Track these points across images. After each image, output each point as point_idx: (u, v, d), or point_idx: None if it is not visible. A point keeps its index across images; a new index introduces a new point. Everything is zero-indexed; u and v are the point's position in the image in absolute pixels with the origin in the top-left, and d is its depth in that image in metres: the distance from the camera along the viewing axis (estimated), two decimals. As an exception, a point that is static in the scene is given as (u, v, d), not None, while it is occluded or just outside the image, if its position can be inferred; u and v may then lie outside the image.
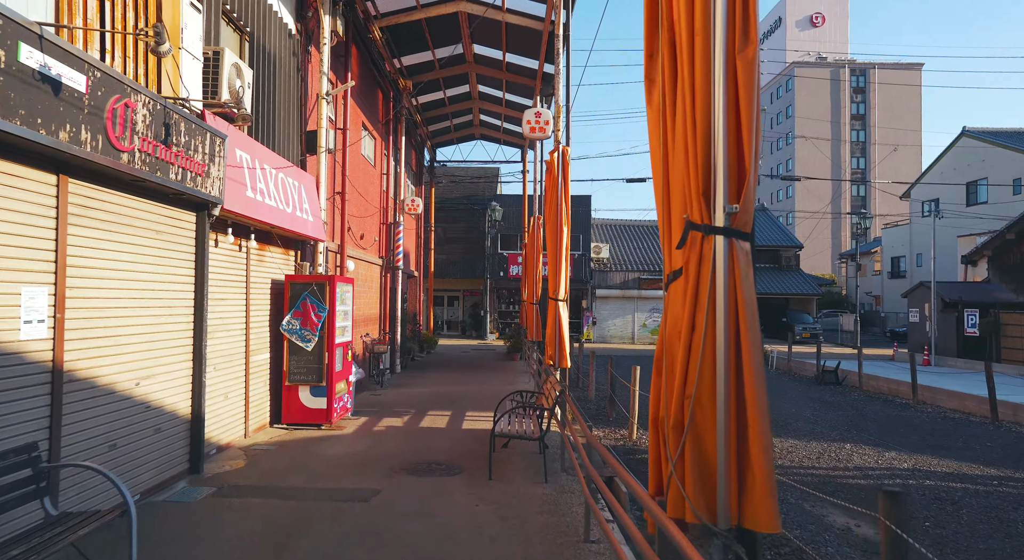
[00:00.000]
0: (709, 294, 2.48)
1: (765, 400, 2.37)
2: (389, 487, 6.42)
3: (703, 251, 2.53)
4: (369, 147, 15.88)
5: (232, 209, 7.07)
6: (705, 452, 2.47)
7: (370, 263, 15.29)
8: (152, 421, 5.85)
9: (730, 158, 2.47)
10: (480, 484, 6.60)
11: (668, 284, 2.85)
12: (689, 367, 2.52)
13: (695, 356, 2.50)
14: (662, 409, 2.81)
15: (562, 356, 9.80)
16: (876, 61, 65.64)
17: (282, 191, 8.78)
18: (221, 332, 7.66)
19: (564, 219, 9.88)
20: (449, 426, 9.75)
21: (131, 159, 5.04)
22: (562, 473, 7.16)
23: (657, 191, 3.00)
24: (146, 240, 5.82)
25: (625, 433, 10.71)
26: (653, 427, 2.89)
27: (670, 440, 2.57)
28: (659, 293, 33.45)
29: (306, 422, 9.27)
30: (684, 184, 2.70)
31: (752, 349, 2.40)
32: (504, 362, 20.75)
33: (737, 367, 2.43)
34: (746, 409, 2.38)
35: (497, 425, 7.14)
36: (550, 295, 10.06)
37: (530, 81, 18.09)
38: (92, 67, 4.54)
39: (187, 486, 6.21)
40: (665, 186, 2.94)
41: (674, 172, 2.83)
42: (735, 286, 2.44)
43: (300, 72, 10.42)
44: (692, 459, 2.47)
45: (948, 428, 11.68)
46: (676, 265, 2.79)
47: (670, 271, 2.86)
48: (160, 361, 6.04)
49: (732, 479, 2.40)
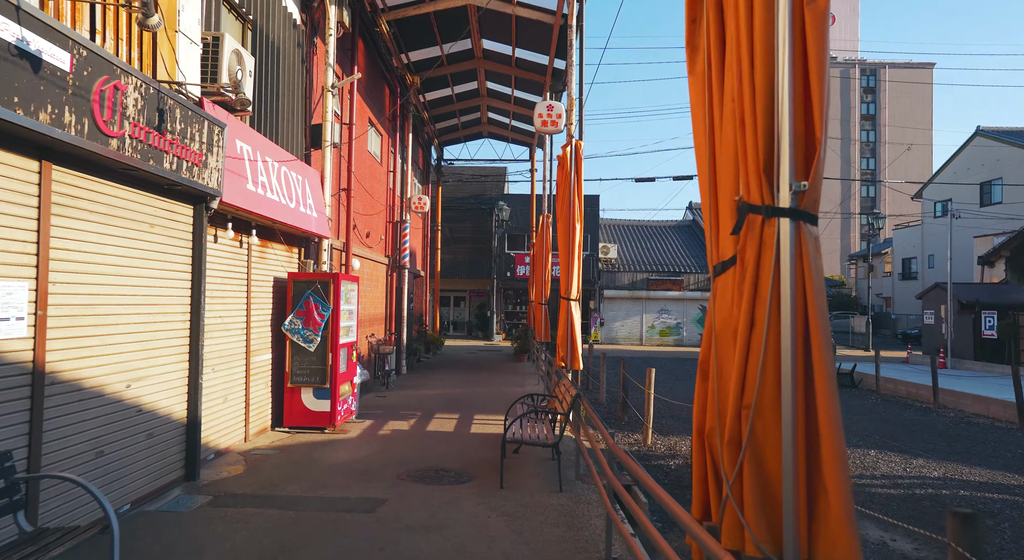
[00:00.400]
0: (772, 286, 2.11)
1: (838, 410, 2.00)
2: (395, 496, 6.06)
3: (763, 237, 2.17)
4: (375, 144, 15.55)
5: (232, 202, 6.73)
6: (768, 472, 2.10)
7: (376, 262, 14.95)
8: (144, 426, 5.51)
9: (797, 127, 2.11)
10: (491, 493, 6.23)
11: (716, 275, 2.49)
12: (747, 372, 2.16)
13: (754, 359, 2.14)
14: (710, 420, 2.44)
15: (574, 358, 9.43)
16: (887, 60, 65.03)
17: (285, 185, 8.44)
18: (220, 332, 7.33)
19: (577, 216, 9.51)
20: (457, 430, 9.39)
21: (121, 146, 4.71)
22: (577, 481, 6.79)
23: (701, 171, 2.63)
24: (139, 233, 5.48)
25: (639, 437, 10.33)
26: (699, 440, 2.53)
27: (724, 457, 2.20)
28: (668, 294, 33.02)
29: (309, 425, 8.93)
30: (738, 160, 2.34)
31: (823, 350, 2.04)
32: (512, 363, 20.38)
33: (806, 371, 2.06)
34: (817, 421, 2.02)
35: (509, 431, 6.78)
36: (562, 294, 9.69)
37: (540, 77, 17.72)
38: (77, 45, 4.21)
39: (182, 494, 5.87)
40: (711, 164, 2.57)
41: (723, 147, 2.46)
42: (803, 276, 2.07)
43: (305, 64, 10.10)
44: (752, 480, 2.11)
45: (974, 434, 11.25)
46: (726, 254, 2.43)
47: (718, 261, 2.50)
48: (154, 362, 5.70)
49: (801, 504, 2.03)
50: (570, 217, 9.50)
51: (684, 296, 33.02)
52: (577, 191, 9.51)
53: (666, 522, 6.30)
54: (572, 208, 9.48)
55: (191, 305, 6.33)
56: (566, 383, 7.66)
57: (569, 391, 7.08)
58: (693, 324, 33.11)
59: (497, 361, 20.96)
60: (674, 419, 11.97)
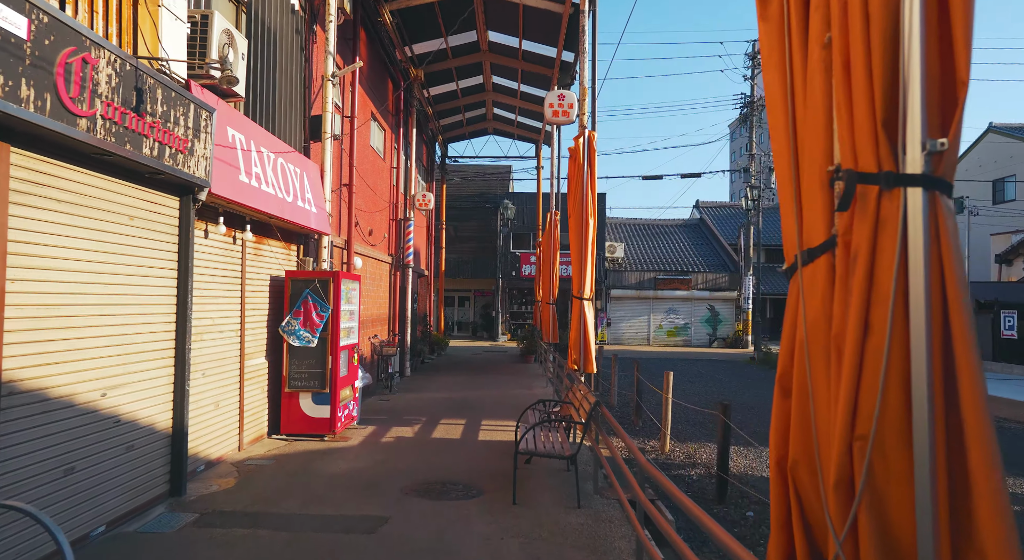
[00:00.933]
0: (897, 279, 1.59)
1: (996, 447, 1.48)
2: (398, 514, 5.55)
3: (881, 213, 1.65)
4: (378, 139, 15.05)
5: (222, 194, 6.23)
6: (894, 526, 1.57)
7: (379, 260, 14.44)
8: (123, 438, 5.01)
9: (931, 64, 1.58)
10: (504, 510, 5.71)
11: (803, 265, 1.97)
12: (861, 392, 1.63)
13: (871, 375, 1.62)
14: (794, 449, 1.92)
15: (587, 360, 8.91)
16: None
17: (281, 178, 7.94)
18: (212, 334, 6.83)
19: (590, 210, 8.99)
20: (464, 437, 8.87)
21: (91, 126, 4.21)
22: (595, 495, 6.26)
23: (779, 138, 2.11)
24: (116, 226, 4.98)
25: (656, 444, 9.80)
26: (779, 474, 2.01)
27: (830, 504, 1.68)
28: (677, 293, 32.42)
29: (308, 432, 8.42)
30: (835, 119, 1.82)
31: (971, 363, 1.52)
32: (518, 364, 19.86)
33: (947, 392, 1.54)
34: (967, 458, 1.50)
35: (521, 441, 6.26)
36: (574, 293, 9.16)
37: (547, 70, 17.20)
38: (36, 8, 3.70)
39: (165, 512, 5.36)
40: (789, 125, 2.05)
41: (809, 105, 1.94)
42: (941, 265, 1.55)
43: (304, 52, 9.59)
44: (872, 538, 1.58)
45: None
46: (815, 237, 1.91)
47: (803, 248, 1.98)
48: (134, 368, 5.19)
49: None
50: (583, 212, 8.98)
51: (692, 296, 32.42)
52: (590, 184, 8.99)
53: (692, 541, 5.78)
54: (585, 202, 8.96)
55: (177, 305, 5.83)
56: (582, 389, 7.14)
57: (587, 398, 6.55)
58: (701, 324, 32.51)
59: (503, 362, 20.43)
60: (691, 424, 11.44)
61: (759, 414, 12.32)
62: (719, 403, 7.12)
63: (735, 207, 42.96)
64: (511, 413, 10.77)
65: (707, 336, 32.41)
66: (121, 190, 5.01)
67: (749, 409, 12.99)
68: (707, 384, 17.05)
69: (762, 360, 24.25)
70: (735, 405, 13.01)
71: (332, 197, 10.19)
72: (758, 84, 32.54)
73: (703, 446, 9.80)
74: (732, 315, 32.27)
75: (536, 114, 21.61)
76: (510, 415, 10.58)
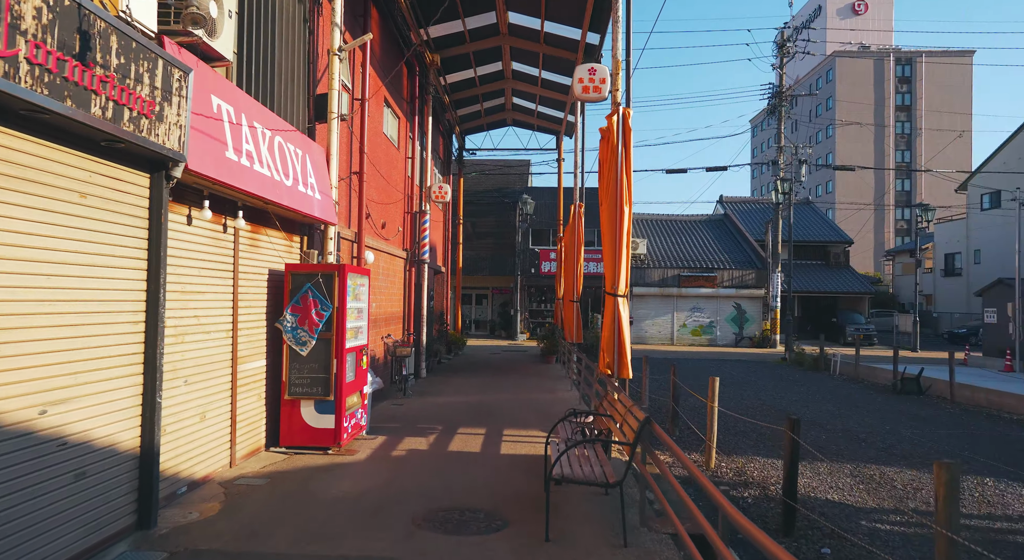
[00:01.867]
0: None
1: None
2: (408, 554, 4.59)
3: None
4: (392, 126, 14.12)
5: (203, 171, 5.29)
6: None
7: (392, 255, 13.51)
8: (70, 464, 4.09)
9: None
10: (535, 550, 4.72)
11: None
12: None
13: None
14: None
15: (622, 364, 7.85)
16: (923, 49, 62.14)
17: (279, 159, 7.02)
18: (196, 334, 5.93)
19: (625, 197, 7.95)
20: (484, 450, 7.91)
21: (11, 71, 3.28)
22: (642, 528, 5.26)
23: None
24: (62, 205, 4.07)
25: (698, 457, 8.78)
26: None
27: None
28: (701, 291, 31.21)
29: (310, 445, 7.50)
30: None
31: None
32: (539, 365, 18.87)
33: None
34: None
35: (556, 465, 5.26)
36: (607, 289, 8.10)
37: (570, 54, 16.18)
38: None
39: (128, 551, 4.44)
40: None
41: None
42: None
43: (308, 23, 8.66)
44: None
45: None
46: None
47: None
48: (87, 377, 4.28)
49: None
50: (616, 198, 7.95)
51: (718, 294, 31.21)
52: (625, 167, 7.97)
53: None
54: (620, 187, 7.93)
55: (147, 301, 4.91)
56: (624, 401, 6.12)
57: (632, 413, 5.55)
58: (727, 323, 31.28)
59: (523, 363, 19.45)
60: (733, 434, 10.37)
61: (814, 421, 11.19)
62: (787, 417, 6.07)
63: (760, 202, 41.60)
64: (535, 420, 9.79)
65: (733, 335, 31.18)
66: (67, 161, 4.09)
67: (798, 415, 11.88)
68: (742, 388, 15.92)
69: (795, 360, 23.06)
70: (778, 410, 11.93)
71: (340, 185, 9.27)
72: (787, 73, 31.25)
73: (751, 460, 8.76)
74: (759, 313, 31.02)
75: (558, 103, 20.61)
76: (534, 423, 9.60)
